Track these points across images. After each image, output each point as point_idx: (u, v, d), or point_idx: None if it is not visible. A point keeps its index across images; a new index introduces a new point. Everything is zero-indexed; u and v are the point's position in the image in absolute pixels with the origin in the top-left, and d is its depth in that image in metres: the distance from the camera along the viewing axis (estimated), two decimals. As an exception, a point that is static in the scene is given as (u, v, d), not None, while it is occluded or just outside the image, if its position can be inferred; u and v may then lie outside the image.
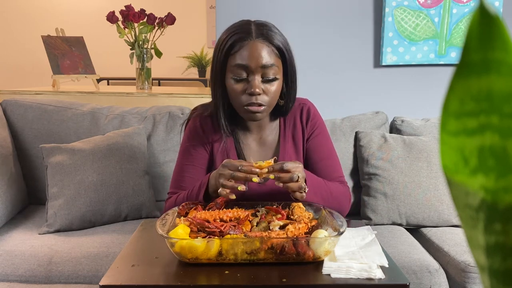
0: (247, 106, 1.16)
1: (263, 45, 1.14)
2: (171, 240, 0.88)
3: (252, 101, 1.15)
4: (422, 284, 1.44)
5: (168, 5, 3.74)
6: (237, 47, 1.14)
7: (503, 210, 0.25)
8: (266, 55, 1.14)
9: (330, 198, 1.18)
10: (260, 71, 1.14)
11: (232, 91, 1.17)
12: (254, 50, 1.13)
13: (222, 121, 1.23)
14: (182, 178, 1.25)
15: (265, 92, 1.16)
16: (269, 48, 1.15)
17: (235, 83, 1.16)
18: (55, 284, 1.44)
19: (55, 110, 1.98)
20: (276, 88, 1.17)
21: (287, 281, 0.83)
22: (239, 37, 1.14)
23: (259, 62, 1.13)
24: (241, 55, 1.14)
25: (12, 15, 5.13)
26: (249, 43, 1.14)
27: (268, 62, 1.14)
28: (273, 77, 1.16)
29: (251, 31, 1.15)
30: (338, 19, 2.16)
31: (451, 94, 0.25)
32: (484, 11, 0.23)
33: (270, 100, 1.18)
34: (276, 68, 1.16)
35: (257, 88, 1.14)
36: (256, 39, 1.14)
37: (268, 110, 1.21)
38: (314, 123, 1.30)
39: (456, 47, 2.14)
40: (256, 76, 1.14)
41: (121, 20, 2.55)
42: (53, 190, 1.69)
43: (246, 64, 1.13)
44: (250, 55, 1.13)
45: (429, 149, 1.82)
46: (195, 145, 1.27)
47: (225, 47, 1.15)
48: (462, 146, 0.26)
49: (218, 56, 1.18)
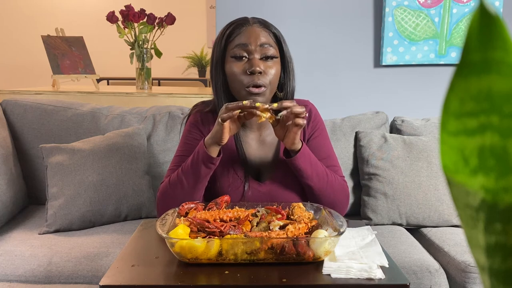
0: (248, 88, 1.18)
1: (260, 29, 1.21)
2: (171, 240, 0.88)
3: (254, 80, 1.17)
4: (422, 284, 1.44)
5: (168, 5, 3.75)
6: (236, 33, 1.20)
7: (503, 210, 0.25)
8: (264, 36, 1.20)
9: (325, 180, 1.18)
10: (259, 50, 1.18)
11: (232, 74, 1.19)
12: (252, 31, 1.19)
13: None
14: (178, 166, 1.23)
15: (265, 72, 1.18)
16: (266, 33, 1.21)
17: (235, 62, 1.18)
18: (55, 284, 1.44)
19: (55, 110, 1.98)
20: (275, 70, 1.20)
21: (287, 281, 0.83)
22: (237, 25, 1.21)
23: (257, 41, 1.18)
24: (240, 38, 1.19)
25: (12, 15, 5.13)
26: (248, 28, 1.20)
27: (267, 42, 1.19)
28: (272, 55, 1.19)
29: (248, 20, 1.22)
30: (338, 19, 2.16)
31: (451, 94, 0.25)
32: (484, 11, 0.23)
33: (270, 81, 1.19)
34: (274, 50, 1.20)
35: (257, 66, 1.16)
36: (254, 25, 1.21)
37: (269, 95, 1.21)
38: (315, 124, 1.31)
39: (456, 47, 2.14)
40: (256, 55, 1.18)
41: (121, 20, 2.56)
42: (53, 190, 1.69)
43: (245, 42, 1.18)
44: (249, 35, 1.19)
45: (429, 149, 1.82)
46: (194, 137, 1.27)
47: (224, 36, 1.20)
48: (462, 146, 0.26)
49: (218, 46, 1.22)
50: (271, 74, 1.19)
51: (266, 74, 1.18)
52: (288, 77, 1.25)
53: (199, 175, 1.14)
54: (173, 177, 1.18)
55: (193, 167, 1.15)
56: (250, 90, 1.17)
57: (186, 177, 1.15)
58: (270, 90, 1.20)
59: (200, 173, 1.14)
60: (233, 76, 1.19)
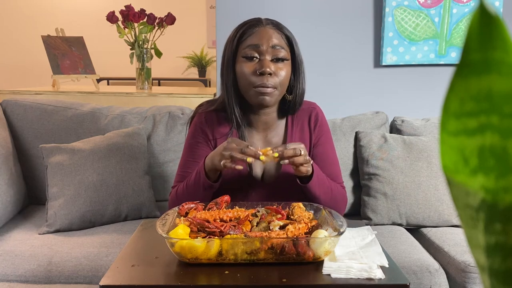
0: (256, 88, 1.17)
1: (273, 30, 1.21)
2: (171, 240, 0.88)
3: (263, 81, 1.17)
4: (422, 284, 1.44)
5: (168, 5, 3.75)
6: (248, 33, 1.20)
7: (503, 210, 0.25)
8: (276, 38, 1.20)
9: (330, 195, 1.20)
10: (271, 52, 1.18)
11: (242, 74, 1.19)
12: (265, 33, 1.19)
13: (233, 107, 1.23)
14: (185, 174, 1.26)
15: (275, 74, 1.18)
16: (279, 35, 1.21)
17: (246, 62, 1.18)
18: (55, 284, 1.44)
19: (55, 110, 1.98)
20: (286, 72, 1.20)
21: (287, 281, 0.83)
22: (250, 25, 1.21)
23: (269, 42, 1.18)
24: (252, 38, 1.19)
25: (12, 15, 5.13)
26: (260, 28, 1.20)
27: (278, 44, 1.19)
28: (283, 57, 1.19)
29: (262, 20, 1.22)
30: (338, 19, 2.16)
31: (451, 94, 0.25)
32: (484, 11, 0.23)
33: (280, 83, 1.19)
34: (285, 52, 1.20)
35: (268, 67, 1.16)
36: (267, 26, 1.21)
37: (278, 96, 1.21)
38: (321, 129, 1.31)
39: (456, 47, 2.14)
40: (267, 56, 1.18)
41: (121, 20, 2.56)
42: (53, 190, 1.69)
43: (257, 43, 1.18)
44: (261, 36, 1.19)
45: (429, 149, 1.82)
46: (198, 141, 1.28)
47: (236, 36, 1.21)
48: (462, 146, 0.26)
49: (229, 46, 1.22)
50: (281, 75, 1.19)
51: (276, 76, 1.18)
52: (298, 79, 1.25)
53: (202, 195, 1.16)
54: (180, 192, 1.21)
55: (196, 188, 1.17)
56: (258, 90, 1.17)
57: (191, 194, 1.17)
58: (279, 92, 1.21)
59: (203, 194, 1.16)
60: (243, 75, 1.19)
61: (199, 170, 1.16)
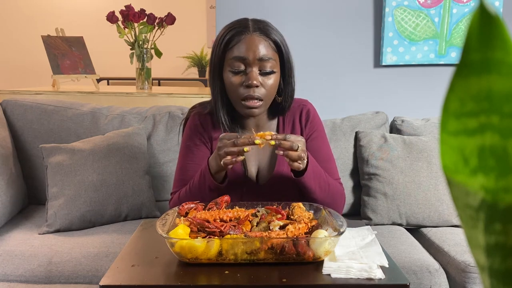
0: (244, 101, 1.17)
1: (260, 38, 1.16)
2: (171, 240, 0.88)
3: (250, 93, 1.16)
4: (422, 284, 1.44)
5: (168, 5, 3.74)
6: (235, 41, 1.16)
7: (503, 210, 0.25)
8: (263, 48, 1.16)
9: (327, 190, 1.18)
10: (258, 63, 1.16)
11: (229, 85, 1.18)
12: (251, 43, 1.15)
13: (221, 116, 1.23)
14: (185, 177, 1.24)
15: (263, 85, 1.17)
16: (266, 42, 1.17)
17: (233, 75, 1.17)
18: (55, 284, 1.44)
19: (55, 110, 1.98)
20: (273, 82, 1.18)
21: (287, 281, 0.83)
22: (237, 32, 1.17)
23: (256, 54, 1.15)
24: (238, 48, 1.16)
25: (12, 15, 5.13)
26: (247, 36, 1.16)
27: (266, 55, 1.16)
28: (271, 70, 1.17)
29: (249, 26, 1.18)
30: (338, 19, 2.16)
31: (451, 94, 0.25)
32: (484, 11, 0.23)
33: (268, 93, 1.18)
34: (273, 62, 1.17)
35: (254, 80, 1.15)
36: (254, 33, 1.17)
37: (266, 105, 1.21)
38: (313, 125, 1.30)
39: (456, 47, 2.14)
40: (254, 68, 1.16)
41: (121, 20, 2.55)
42: (53, 190, 1.69)
43: (243, 56, 1.15)
44: (248, 47, 1.15)
45: (429, 149, 1.82)
46: (196, 143, 1.27)
47: (223, 42, 1.18)
48: (462, 146, 0.26)
49: (216, 52, 1.19)
50: (268, 86, 1.18)
51: (264, 87, 1.17)
52: (288, 82, 1.24)
53: (209, 197, 1.14)
54: (183, 196, 1.19)
55: (201, 190, 1.15)
56: (246, 104, 1.17)
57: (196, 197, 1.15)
58: (267, 102, 1.20)
59: (209, 195, 1.15)
60: (230, 87, 1.18)
61: (203, 172, 1.15)
